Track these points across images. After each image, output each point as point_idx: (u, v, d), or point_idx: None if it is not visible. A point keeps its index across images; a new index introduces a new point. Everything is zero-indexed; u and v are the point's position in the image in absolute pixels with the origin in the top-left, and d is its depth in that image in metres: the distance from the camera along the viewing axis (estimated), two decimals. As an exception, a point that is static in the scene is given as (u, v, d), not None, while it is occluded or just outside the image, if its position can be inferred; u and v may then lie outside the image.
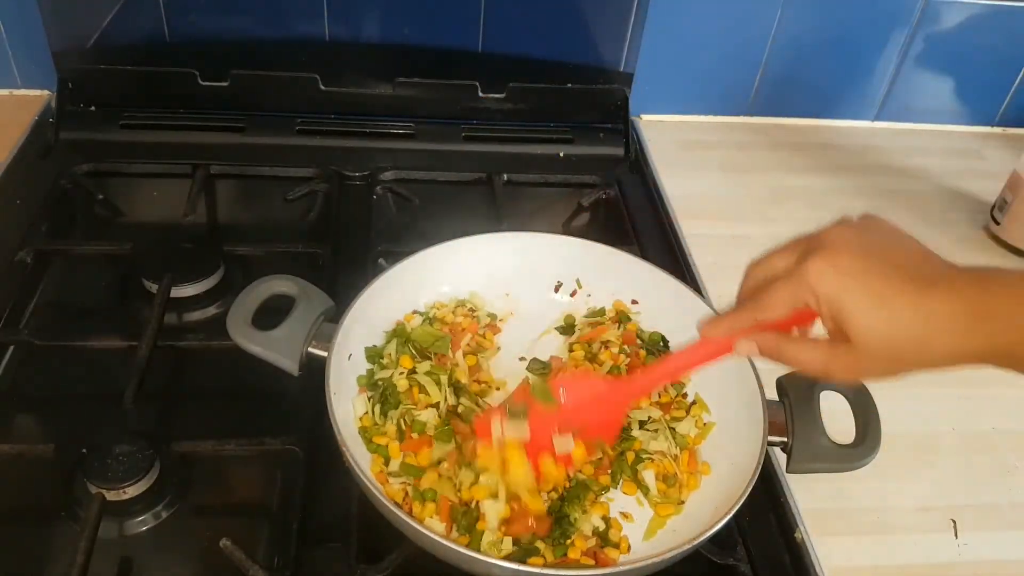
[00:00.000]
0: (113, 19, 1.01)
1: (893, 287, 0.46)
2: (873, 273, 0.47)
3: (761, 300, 0.51)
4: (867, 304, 0.46)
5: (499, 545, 0.59)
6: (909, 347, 0.46)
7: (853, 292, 0.46)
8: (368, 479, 0.58)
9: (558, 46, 1.09)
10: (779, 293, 0.50)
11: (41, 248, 0.87)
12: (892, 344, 0.46)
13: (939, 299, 0.45)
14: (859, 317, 0.46)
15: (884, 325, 0.46)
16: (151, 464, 0.63)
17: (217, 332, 0.72)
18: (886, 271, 0.47)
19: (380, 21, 1.05)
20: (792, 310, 0.50)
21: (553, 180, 1.07)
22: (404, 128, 1.11)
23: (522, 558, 0.59)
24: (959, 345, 0.45)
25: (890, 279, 0.46)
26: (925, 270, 0.47)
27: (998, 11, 1.13)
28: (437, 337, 0.72)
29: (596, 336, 0.76)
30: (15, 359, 0.76)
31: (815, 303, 0.48)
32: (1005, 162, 1.11)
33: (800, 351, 0.51)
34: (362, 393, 0.69)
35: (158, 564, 0.63)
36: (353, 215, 0.96)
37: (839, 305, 0.47)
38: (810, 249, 0.49)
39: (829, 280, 0.47)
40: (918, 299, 0.46)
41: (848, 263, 0.47)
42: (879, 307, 0.46)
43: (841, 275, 0.47)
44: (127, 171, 1.02)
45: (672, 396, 0.73)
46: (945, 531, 0.71)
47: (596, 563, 0.61)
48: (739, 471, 0.62)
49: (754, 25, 1.12)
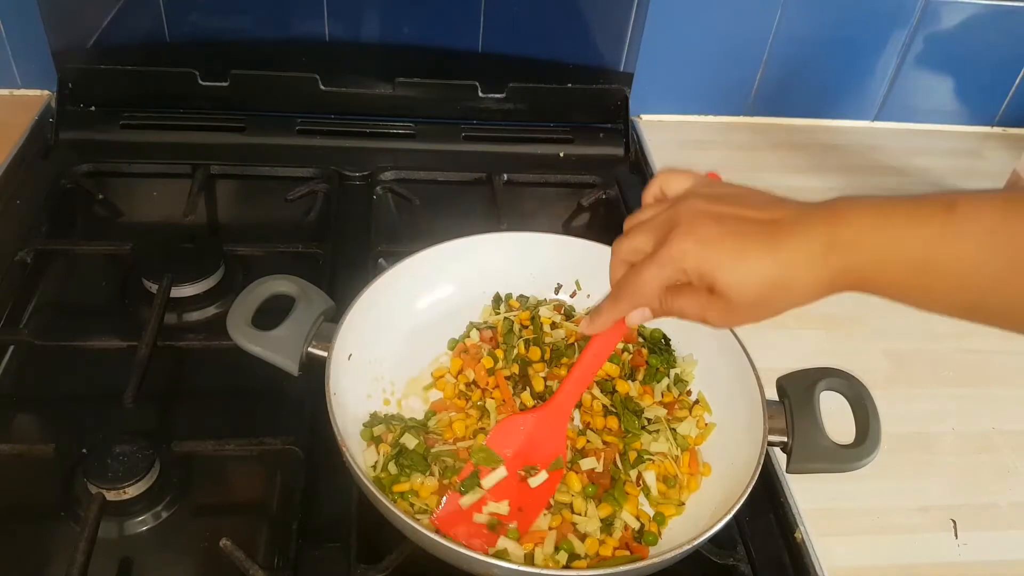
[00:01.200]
0: (113, 19, 1.01)
1: (748, 241, 0.49)
2: (729, 234, 0.50)
3: (634, 286, 0.55)
4: (728, 263, 0.50)
5: (554, 557, 0.60)
6: (772, 292, 0.49)
7: (714, 257, 0.50)
8: (368, 479, 0.58)
9: (558, 46, 1.09)
10: (650, 276, 0.53)
11: (41, 248, 0.87)
12: (757, 293, 0.49)
13: (793, 242, 0.49)
14: (723, 276, 0.50)
15: (745, 278, 0.49)
16: (151, 464, 0.63)
17: (217, 332, 0.72)
18: (740, 228, 0.50)
19: (380, 21, 1.05)
20: (665, 286, 0.53)
21: (553, 180, 1.07)
22: (404, 128, 1.11)
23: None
24: (817, 280, 0.49)
25: (745, 235, 0.50)
26: (777, 215, 0.50)
27: (998, 11, 1.13)
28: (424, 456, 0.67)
29: None
30: (15, 359, 0.77)
31: (684, 276, 0.52)
32: (1005, 162, 1.11)
33: (683, 305, 0.53)
34: (370, 446, 0.67)
35: (158, 564, 0.63)
36: (353, 215, 0.96)
37: (704, 271, 0.50)
38: (669, 227, 0.52)
39: (692, 255, 0.51)
40: (773, 246, 0.49)
41: (705, 232, 0.51)
42: (739, 263, 0.49)
43: (701, 246, 0.50)
44: (127, 171, 1.02)
45: (675, 395, 0.73)
46: (945, 531, 0.71)
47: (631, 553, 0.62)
48: (739, 471, 0.62)
49: (754, 25, 1.12)
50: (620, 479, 0.66)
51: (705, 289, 0.51)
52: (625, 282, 0.56)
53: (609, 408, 0.71)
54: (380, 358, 0.74)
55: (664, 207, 0.54)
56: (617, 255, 0.57)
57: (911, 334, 0.89)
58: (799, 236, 0.49)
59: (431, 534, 0.55)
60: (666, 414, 0.70)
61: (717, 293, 0.51)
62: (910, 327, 0.89)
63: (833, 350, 0.85)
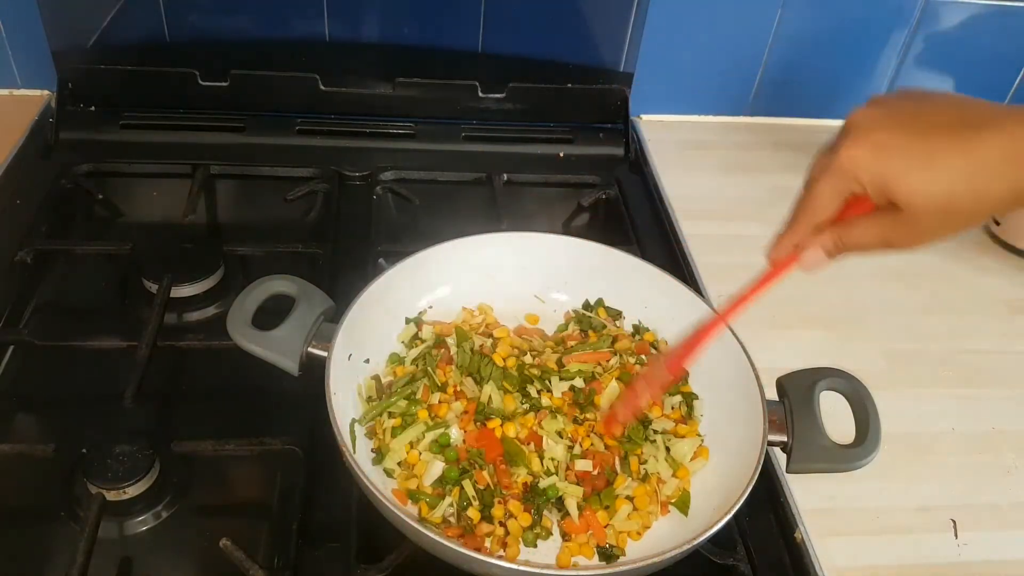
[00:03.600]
0: (113, 19, 1.01)
1: (934, 144, 0.45)
2: (910, 137, 0.46)
3: (808, 204, 0.51)
4: (910, 169, 0.45)
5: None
6: (965, 199, 0.45)
7: (892, 163, 0.46)
8: (368, 479, 0.58)
9: (558, 46, 1.09)
10: (823, 190, 0.49)
11: (41, 248, 0.87)
12: (948, 200, 0.45)
13: (987, 144, 0.44)
14: (905, 184, 0.45)
15: (933, 184, 0.45)
16: (151, 464, 0.63)
17: (217, 332, 0.72)
18: (923, 131, 0.46)
19: (380, 21, 1.05)
20: (841, 202, 0.49)
21: (553, 180, 1.07)
22: (404, 128, 1.11)
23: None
24: (1009, 187, 0.45)
25: (929, 137, 0.45)
26: (968, 116, 0.46)
27: (998, 11, 1.13)
28: None
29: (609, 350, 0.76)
30: (15, 359, 0.76)
31: (860, 188, 0.48)
32: (1005, 162, 1.11)
33: (860, 234, 0.50)
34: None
35: (158, 564, 0.63)
36: (353, 215, 0.96)
37: (882, 180, 0.46)
38: (841, 137, 0.48)
39: (865, 161, 0.47)
40: (965, 148, 0.44)
41: (880, 137, 0.46)
42: (924, 168, 0.45)
43: (876, 151, 0.46)
44: (127, 171, 1.02)
45: (682, 413, 0.72)
46: (945, 531, 0.71)
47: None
48: (739, 471, 0.62)
49: (754, 25, 1.12)
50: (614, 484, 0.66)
51: (884, 207, 0.47)
52: (799, 202, 0.52)
53: None
54: (380, 358, 0.74)
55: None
56: (809, 177, 0.52)
57: (911, 334, 0.89)
58: (994, 139, 0.44)
59: (431, 534, 0.55)
60: (673, 427, 0.70)
61: (900, 205, 0.46)
62: (910, 327, 0.89)
63: (833, 350, 0.85)
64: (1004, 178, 0.44)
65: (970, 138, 0.45)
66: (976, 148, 0.44)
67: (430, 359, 0.72)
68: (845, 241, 0.51)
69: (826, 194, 0.49)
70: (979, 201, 0.45)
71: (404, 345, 0.75)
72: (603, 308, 0.80)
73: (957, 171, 0.44)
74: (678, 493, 0.67)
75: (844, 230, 0.50)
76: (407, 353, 0.74)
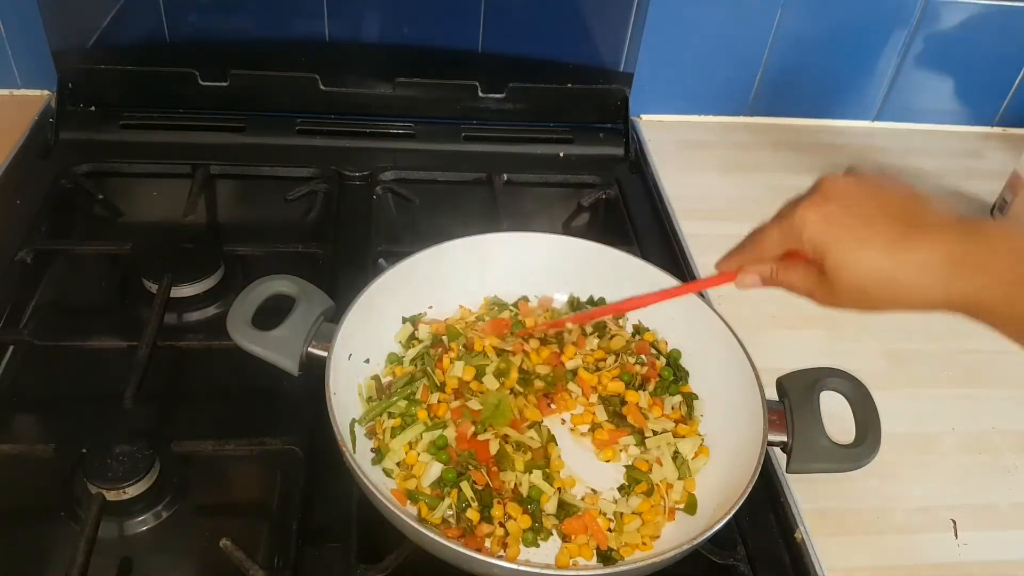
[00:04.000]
0: (113, 19, 1.01)
1: (872, 230, 0.50)
2: (856, 218, 0.50)
3: (759, 239, 0.57)
4: (844, 249, 0.50)
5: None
6: (878, 288, 0.50)
7: (833, 235, 0.51)
8: (368, 479, 0.58)
9: (558, 46, 1.09)
10: (772, 233, 0.55)
11: (41, 248, 0.87)
12: (863, 284, 0.50)
13: (916, 246, 0.48)
14: (833, 259, 0.50)
15: (856, 268, 0.50)
16: (151, 464, 0.63)
17: (217, 332, 0.72)
18: (870, 216, 0.50)
19: (380, 21, 1.05)
20: (783, 248, 0.55)
21: (553, 180, 1.07)
22: (404, 128, 1.11)
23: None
24: (930, 291, 0.48)
25: (871, 224, 0.50)
26: (911, 215, 0.50)
27: (998, 11, 1.13)
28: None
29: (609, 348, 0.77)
30: (15, 359, 0.76)
31: (801, 244, 0.53)
32: (1005, 162, 1.11)
33: (793, 279, 0.55)
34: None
35: (158, 564, 0.63)
36: (353, 215, 0.96)
37: (820, 247, 0.51)
38: (805, 196, 0.53)
39: (812, 225, 0.51)
40: (895, 244, 0.49)
41: (832, 210, 0.51)
42: (854, 249, 0.50)
43: (824, 221, 0.51)
44: (127, 171, 1.01)
45: (683, 413, 0.72)
46: (945, 531, 0.71)
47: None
48: (739, 471, 0.62)
49: (754, 25, 1.12)
50: None
51: (817, 267, 0.52)
52: (752, 235, 0.58)
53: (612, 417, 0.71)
54: (380, 358, 0.74)
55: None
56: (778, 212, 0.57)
57: (911, 334, 0.89)
58: (926, 242, 0.48)
59: (431, 534, 0.55)
60: (674, 427, 0.70)
61: (827, 272, 0.51)
62: (910, 327, 0.89)
63: (833, 350, 0.85)
64: (922, 281, 0.48)
65: (903, 236, 0.49)
66: (903, 248, 0.48)
67: (428, 359, 0.72)
68: (779, 278, 0.57)
69: (774, 238, 0.55)
70: (898, 297, 0.50)
71: (402, 345, 0.75)
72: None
73: (880, 263, 0.49)
74: (685, 497, 0.66)
75: (782, 269, 0.56)
76: (405, 353, 0.74)
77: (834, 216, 0.51)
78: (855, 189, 0.52)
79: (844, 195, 0.52)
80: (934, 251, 0.48)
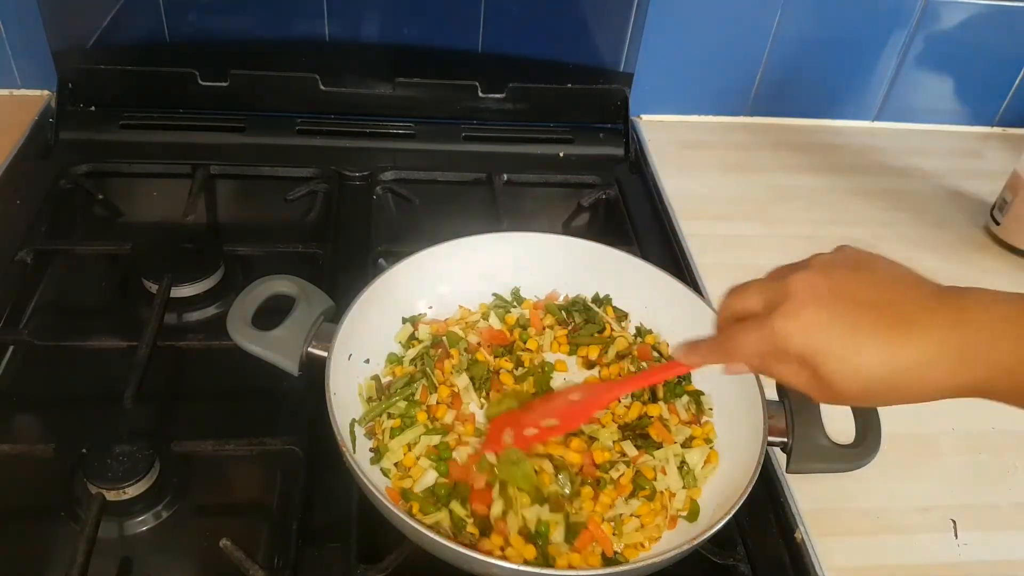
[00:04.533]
0: (113, 19, 1.01)
1: (862, 334, 0.46)
2: (841, 320, 0.47)
3: (733, 343, 0.52)
4: (836, 354, 0.46)
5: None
6: (881, 389, 0.47)
7: (821, 346, 0.47)
8: (368, 479, 0.58)
9: (558, 46, 1.09)
10: (749, 340, 0.50)
11: (41, 248, 0.87)
12: (864, 388, 0.47)
13: (912, 344, 0.45)
14: (829, 366, 0.47)
15: (854, 373, 0.46)
16: (151, 464, 0.63)
17: (217, 332, 0.72)
18: (855, 315, 0.47)
19: (380, 21, 1.05)
20: (761, 357, 0.50)
21: (553, 180, 1.07)
22: (404, 128, 1.11)
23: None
24: (935, 384, 0.46)
25: (858, 326, 0.46)
26: (899, 306, 0.47)
27: (998, 11, 1.13)
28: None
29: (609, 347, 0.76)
30: (15, 359, 0.76)
31: (786, 357, 0.48)
32: (1005, 162, 1.11)
33: (787, 375, 0.51)
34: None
35: (158, 564, 0.63)
36: (353, 215, 0.96)
37: (810, 357, 0.47)
38: (777, 300, 0.49)
39: (795, 338, 0.47)
40: (888, 345, 0.46)
41: (813, 316, 0.47)
42: (850, 358, 0.46)
43: (806, 331, 0.47)
44: (127, 171, 1.02)
45: (693, 413, 0.72)
46: (945, 531, 0.71)
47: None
48: (739, 471, 0.62)
49: (754, 25, 1.12)
50: (604, 480, 0.65)
51: (809, 369, 0.48)
52: (727, 340, 0.53)
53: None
54: (380, 358, 0.74)
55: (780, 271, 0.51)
56: (728, 302, 0.54)
57: (911, 334, 0.89)
58: (919, 340, 0.45)
59: (431, 534, 0.55)
60: (689, 435, 0.69)
61: (823, 378, 0.48)
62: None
63: (833, 350, 0.85)
64: (924, 377, 0.46)
65: (896, 334, 0.46)
66: (898, 349, 0.45)
67: (428, 359, 0.72)
68: (768, 370, 0.52)
69: (752, 346, 0.50)
70: (902, 393, 0.47)
71: (401, 345, 0.75)
72: (611, 307, 0.80)
73: (879, 366, 0.46)
74: (688, 505, 0.65)
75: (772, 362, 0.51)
76: (405, 353, 0.74)
77: (816, 324, 0.47)
78: (828, 284, 0.48)
79: (818, 297, 0.47)
80: (930, 347, 0.45)
